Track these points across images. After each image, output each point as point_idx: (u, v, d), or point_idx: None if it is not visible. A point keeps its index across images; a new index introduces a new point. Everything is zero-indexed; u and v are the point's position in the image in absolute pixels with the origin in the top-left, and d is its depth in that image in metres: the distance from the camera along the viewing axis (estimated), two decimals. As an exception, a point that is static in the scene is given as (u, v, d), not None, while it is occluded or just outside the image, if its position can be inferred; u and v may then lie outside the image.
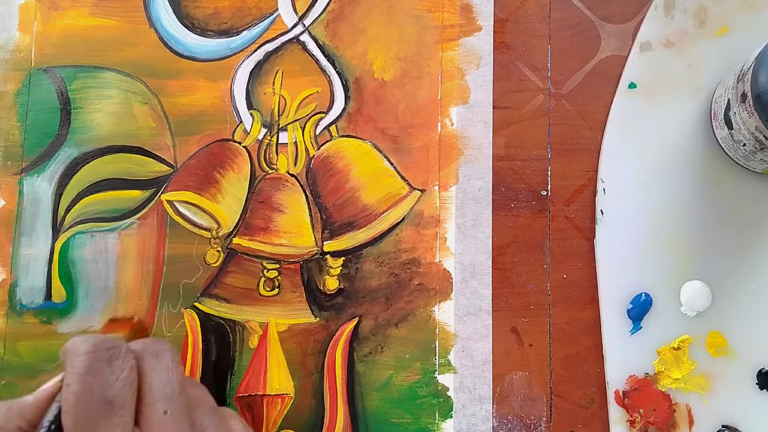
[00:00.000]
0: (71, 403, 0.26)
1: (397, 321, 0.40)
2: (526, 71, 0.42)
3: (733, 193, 0.40)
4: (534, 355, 0.40)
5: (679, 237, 0.40)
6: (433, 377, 0.39)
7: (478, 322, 0.40)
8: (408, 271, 0.40)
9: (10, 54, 0.42)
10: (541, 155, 0.41)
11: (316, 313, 0.40)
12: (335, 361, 0.39)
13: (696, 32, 0.41)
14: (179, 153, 0.41)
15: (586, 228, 0.41)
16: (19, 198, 0.41)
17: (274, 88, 0.42)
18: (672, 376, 0.39)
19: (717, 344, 0.39)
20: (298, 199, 0.41)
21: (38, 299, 0.40)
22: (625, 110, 0.41)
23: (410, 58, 0.42)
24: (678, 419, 0.39)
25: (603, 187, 0.41)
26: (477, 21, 0.42)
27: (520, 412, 0.39)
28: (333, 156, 0.41)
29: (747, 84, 0.35)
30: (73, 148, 0.41)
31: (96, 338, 0.28)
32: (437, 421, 0.39)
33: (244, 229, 0.41)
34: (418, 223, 0.41)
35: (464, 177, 0.41)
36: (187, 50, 0.42)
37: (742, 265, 0.39)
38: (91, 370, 0.27)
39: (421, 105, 0.42)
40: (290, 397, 0.39)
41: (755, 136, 0.36)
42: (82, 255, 0.40)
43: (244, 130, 0.41)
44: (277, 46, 0.42)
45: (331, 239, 0.41)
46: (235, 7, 0.42)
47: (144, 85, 0.42)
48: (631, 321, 0.39)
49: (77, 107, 0.42)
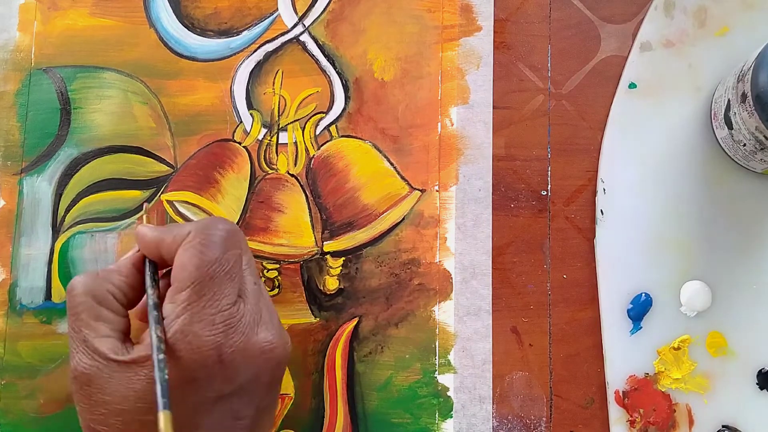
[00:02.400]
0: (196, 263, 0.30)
1: (397, 321, 0.40)
2: (526, 71, 0.42)
3: (733, 193, 0.40)
4: (534, 355, 0.40)
5: (679, 237, 0.40)
6: (433, 377, 0.39)
7: (478, 322, 0.40)
8: (408, 271, 0.40)
9: (10, 54, 0.42)
10: (541, 155, 0.41)
11: (316, 313, 0.40)
12: (335, 361, 0.39)
13: (696, 32, 0.41)
14: (179, 153, 0.41)
15: (586, 228, 0.41)
16: (19, 198, 0.41)
17: (274, 88, 0.42)
18: (672, 376, 0.39)
19: (717, 344, 0.39)
20: (298, 199, 0.41)
21: (38, 299, 0.40)
22: (625, 110, 0.41)
23: (410, 58, 0.42)
24: (678, 419, 0.39)
25: (603, 187, 0.41)
26: (477, 21, 0.42)
27: (520, 412, 0.39)
28: (333, 156, 0.41)
29: (747, 84, 0.35)
30: (73, 148, 0.41)
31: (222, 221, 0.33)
32: (437, 421, 0.39)
33: (244, 229, 0.41)
34: (418, 223, 0.41)
35: (464, 177, 0.41)
36: (187, 50, 0.42)
37: (742, 265, 0.39)
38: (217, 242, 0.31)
39: (421, 105, 0.42)
40: (290, 397, 0.39)
41: (755, 136, 0.36)
42: (81, 255, 0.40)
43: (244, 130, 0.41)
44: (277, 46, 0.42)
45: (331, 239, 0.41)
46: (235, 7, 0.42)
47: (144, 85, 0.42)
48: (631, 321, 0.39)
49: (77, 107, 0.42)
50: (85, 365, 0.30)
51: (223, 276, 0.31)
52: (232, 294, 0.31)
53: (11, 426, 0.39)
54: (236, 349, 0.30)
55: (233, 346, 0.30)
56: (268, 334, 0.31)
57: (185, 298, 0.30)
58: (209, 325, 0.30)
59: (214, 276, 0.30)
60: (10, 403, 0.39)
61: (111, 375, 0.29)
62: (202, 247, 0.31)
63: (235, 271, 0.31)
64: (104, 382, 0.29)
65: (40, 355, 0.39)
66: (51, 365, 0.39)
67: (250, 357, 0.31)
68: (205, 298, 0.30)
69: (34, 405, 0.39)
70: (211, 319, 0.30)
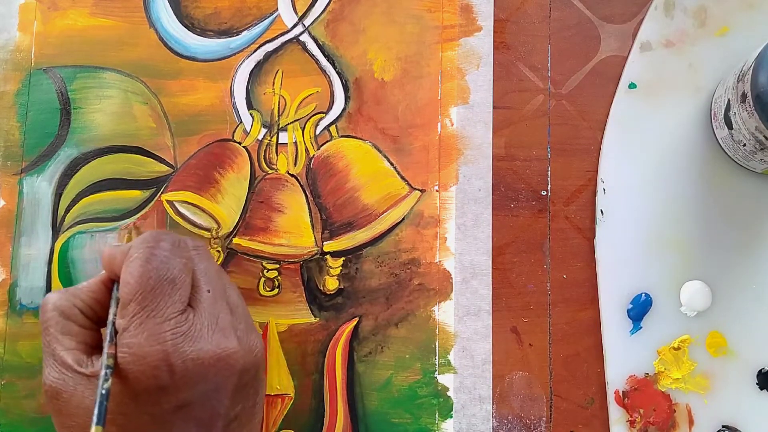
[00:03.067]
0: (137, 276, 0.30)
1: (397, 321, 0.40)
2: (526, 71, 0.42)
3: (733, 193, 0.40)
4: (534, 355, 0.40)
5: (679, 237, 0.40)
6: (433, 377, 0.39)
7: (478, 322, 0.40)
8: (408, 271, 0.40)
9: (10, 54, 0.42)
10: (541, 155, 0.41)
11: (316, 313, 0.40)
12: (335, 361, 0.39)
13: (696, 32, 0.41)
14: (179, 153, 0.41)
15: (586, 228, 0.41)
16: (19, 198, 0.41)
17: (274, 88, 0.42)
18: (672, 376, 0.39)
19: (717, 344, 0.39)
20: (298, 199, 0.41)
21: (38, 299, 0.40)
22: (625, 110, 0.41)
23: (410, 58, 0.42)
24: (678, 419, 0.39)
25: (603, 187, 0.41)
26: (477, 21, 0.42)
27: (520, 412, 0.39)
28: (333, 156, 0.41)
29: (747, 84, 0.35)
30: (73, 148, 0.41)
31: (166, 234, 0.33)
32: (437, 421, 0.39)
33: (244, 229, 0.41)
34: (418, 223, 0.41)
35: (464, 177, 0.41)
36: (187, 50, 0.42)
37: (742, 265, 0.39)
38: (158, 254, 0.31)
39: (421, 105, 0.42)
40: (290, 397, 0.39)
41: (755, 136, 0.36)
42: (81, 255, 0.40)
43: (244, 130, 0.41)
44: (277, 46, 0.42)
45: (331, 239, 0.41)
46: (235, 7, 0.42)
47: (144, 85, 0.42)
48: (631, 321, 0.39)
49: (77, 107, 0.42)
50: (54, 378, 0.30)
51: (166, 285, 0.30)
52: (179, 302, 0.31)
53: (11, 426, 0.39)
54: (187, 358, 0.30)
55: (183, 355, 0.30)
56: (225, 341, 0.31)
57: (131, 311, 0.30)
58: (155, 335, 0.30)
59: (155, 286, 0.30)
60: (10, 403, 0.39)
61: (75, 387, 0.30)
62: (142, 260, 0.31)
63: (180, 279, 0.31)
64: (70, 395, 0.30)
65: (40, 355, 0.39)
66: (51, 365, 0.39)
67: (205, 365, 0.30)
68: (148, 309, 0.30)
69: (34, 405, 0.39)
70: (156, 329, 0.30)
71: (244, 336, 0.32)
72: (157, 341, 0.29)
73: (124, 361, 0.30)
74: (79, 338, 0.32)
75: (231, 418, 0.32)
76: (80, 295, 0.33)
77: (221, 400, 0.31)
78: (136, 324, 0.30)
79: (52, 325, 0.31)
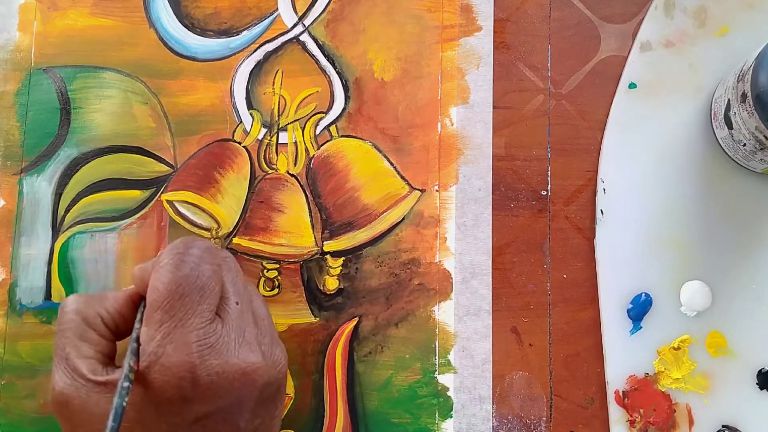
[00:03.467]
0: (166, 283, 0.30)
1: (397, 321, 0.40)
2: (526, 71, 0.42)
3: (733, 193, 0.40)
4: (534, 355, 0.40)
5: (679, 237, 0.40)
6: (433, 377, 0.39)
7: (478, 322, 0.40)
8: (408, 271, 0.40)
9: (10, 54, 0.42)
10: (541, 155, 0.41)
11: (316, 313, 0.40)
12: (335, 361, 0.39)
13: (696, 32, 0.41)
14: (179, 153, 0.41)
15: (586, 228, 0.41)
16: (18, 198, 0.41)
17: (274, 88, 0.42)
18: (672, 376, 0.39)
19: (717, 344, 0.39)
20: (298, 199, 0.41)
21: (38, 299, 0.40)
22: (625, 110, 0.41)
23: (410, 58, 0.42)
24: (678, 419, 0.39)
25: (603, 187, 0.41)
26: (477, 21, 0.42)
27: (520, 412, 0.39)
28: (333, 156, 0.41)
29: (747, 84, 0.35)
30: (73, 148, 0.41)
31: (197, 240, 0.33)
32: (437, 421, 0.39)
33: (244, 229, 0.41)
34: (418, 223, 0.41)
35: (464, 177, 0.41)
36: (187, 50, 0.42)
37: (742, 265, 0.39)
38: (188, 260, 0.31)
39: (421, 105, 0.42)
40: (290, 397, 0.39)
41: (755, 136, 0.36)
42: (81, 255, 0.40)
43: (244, 130, 0.41)
44: (277, 46, 0.42)
45: (331, 239, 0.41)
46: (235, 7, 0.42)
47: (144, 85, 0.42)
48: (631, 321, 0.39)
49: (77, 107, 0.42)
50: (63, 384, 0.30)
51: (195, 293, 0.30)
52: (207, 311, 0.30)
53: (11, 426, 0.39)
54: (213, 371, 0.29)
55: (209, 368, 0.29)
56: (251, 355, 0.30)
57: (158, 320, 0.30)
58: (182, 345, 0.29)
59: (184, 294, 0.30)
60: (10, 403, 0.39)
61: (88, 395, 0.29)
62: (171, 266, 0.30)
63: (209, 288, 0.30)
64: (82, 403, 0.29)
65: (40, 355, 0.39)
66: (51, 365, 0.39)
67: (229, 380, 0.30)
68: (176, 318, 0.29)
69: (34, 405, 0.39)
70: (184, 339, 0.29)
71: (269, 350, 0.32)
72: (184, 352, 0.29)
73: (151, 369, 0.29)
74: (97, 347, 0.31)
75: (251, 430, 0.32)
76: (105, 304, 0.32)
77: (242, 413, 0.31)
78: (164, 333, 0.29)
79: (71, 328, 0.31)
